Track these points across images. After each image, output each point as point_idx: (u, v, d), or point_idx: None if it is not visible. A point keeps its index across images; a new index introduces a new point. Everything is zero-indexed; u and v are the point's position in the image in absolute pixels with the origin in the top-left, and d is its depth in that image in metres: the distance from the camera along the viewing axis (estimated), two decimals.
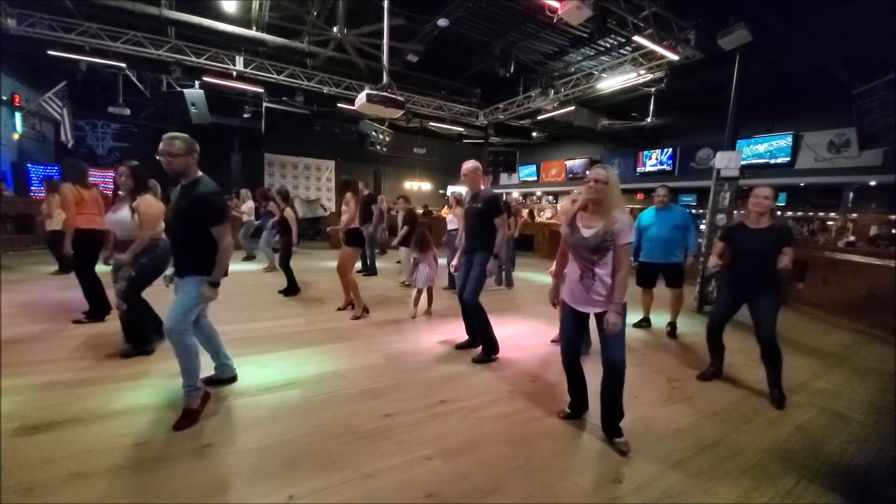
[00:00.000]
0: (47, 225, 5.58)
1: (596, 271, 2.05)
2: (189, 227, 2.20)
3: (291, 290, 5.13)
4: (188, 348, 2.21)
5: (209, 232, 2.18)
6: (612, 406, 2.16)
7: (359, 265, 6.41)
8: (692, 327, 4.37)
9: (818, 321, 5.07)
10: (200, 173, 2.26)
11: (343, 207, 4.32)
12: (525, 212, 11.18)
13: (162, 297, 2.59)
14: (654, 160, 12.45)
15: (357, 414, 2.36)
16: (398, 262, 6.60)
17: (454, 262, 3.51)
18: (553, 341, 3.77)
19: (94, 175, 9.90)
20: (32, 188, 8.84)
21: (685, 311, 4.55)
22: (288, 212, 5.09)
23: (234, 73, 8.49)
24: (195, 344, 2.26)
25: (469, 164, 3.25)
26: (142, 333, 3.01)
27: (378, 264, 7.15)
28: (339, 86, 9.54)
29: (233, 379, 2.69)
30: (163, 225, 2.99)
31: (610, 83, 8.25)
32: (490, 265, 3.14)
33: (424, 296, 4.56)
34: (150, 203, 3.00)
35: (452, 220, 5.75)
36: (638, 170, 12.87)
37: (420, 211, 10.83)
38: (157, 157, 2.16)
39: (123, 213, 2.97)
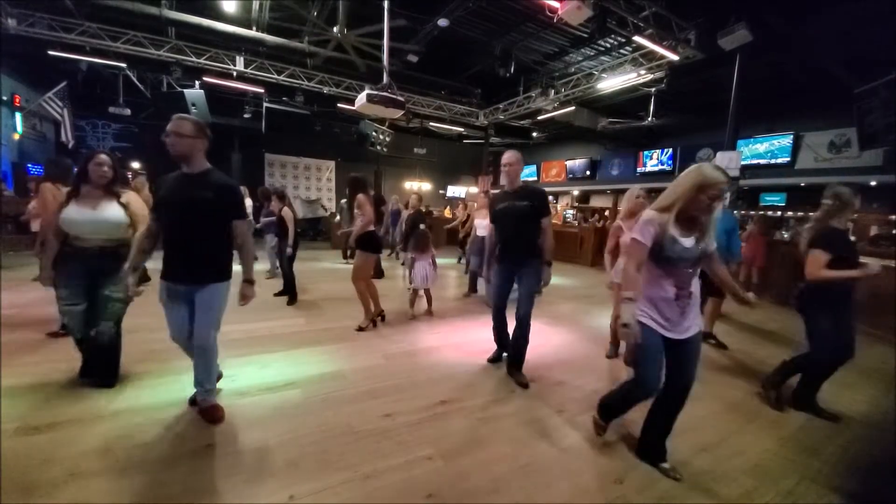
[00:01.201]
0: (32, 226, 5.00)
1: (691, 288, 1.80)
2: (212, 222, 2.03)
3: (291, 296, 4.83)
4: (215, 353, 2.20)
5: (226, 229, 2.09)
6: (667, 429, 1.98)
7: None
8: None
9: None
10: (209, 165, 2.10)
11: (356, 211, 3.90)
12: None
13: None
14: (654, 160, 12.46)
15: (357, 414, 2.36)
16: (402, 263, 6.40)
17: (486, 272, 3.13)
18: (610, 357, 3.49)
19: None
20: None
21: None
22: (286, 211, 4.86)
23: (235, 73, 8.50)
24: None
25: (513, 155, 2.82)
26: (111, 362, 2.57)
27: (385, 265, 7.12)
28: (339, 86, 9.55)
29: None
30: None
31: (610, 83, 8.25)
32: (545, 275, 2.83)
33: (424, 296, 4.55)
34: (139, 200, 2.55)
35: (486, 227, 5.18)
36: (638, 170, 12.89)
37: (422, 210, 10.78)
38: (164, 138, 1.97)
39: (113, 211, 2.40)
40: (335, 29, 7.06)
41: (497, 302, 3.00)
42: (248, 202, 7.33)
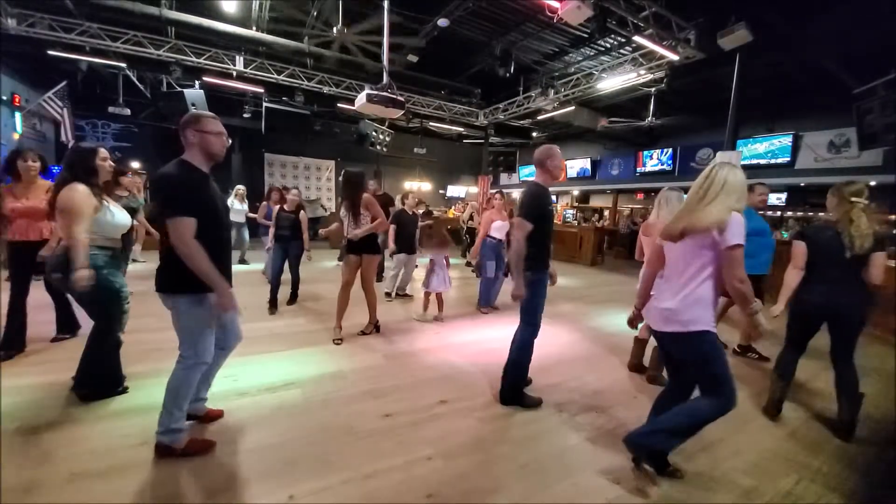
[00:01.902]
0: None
1: None
2: None
3: (291, 296, 4.85)
4: None
5: None
6: None
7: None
8: None
9: None
10: None
11: (363, 211, 3.51)
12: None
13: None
14: (654, 160, 12.44)
15: (357, 414, 2.37)
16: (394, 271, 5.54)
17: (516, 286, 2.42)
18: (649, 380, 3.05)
19: None
20: None
21: None
22: (302, 214, 4.76)
23: (234, 73, 8.49)
24: None
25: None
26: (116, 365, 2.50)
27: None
28: (339, 86, 9.54)
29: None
30: None
31: (610, 83, 8.24)
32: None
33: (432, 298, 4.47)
34: None
35: (503, 226, 4.81)
36: (638, 170, 12.87)
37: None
38: (225, 138, 1.93)
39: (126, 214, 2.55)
40: (335, 30, 7.05)
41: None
42: (246, 203, 7.29)
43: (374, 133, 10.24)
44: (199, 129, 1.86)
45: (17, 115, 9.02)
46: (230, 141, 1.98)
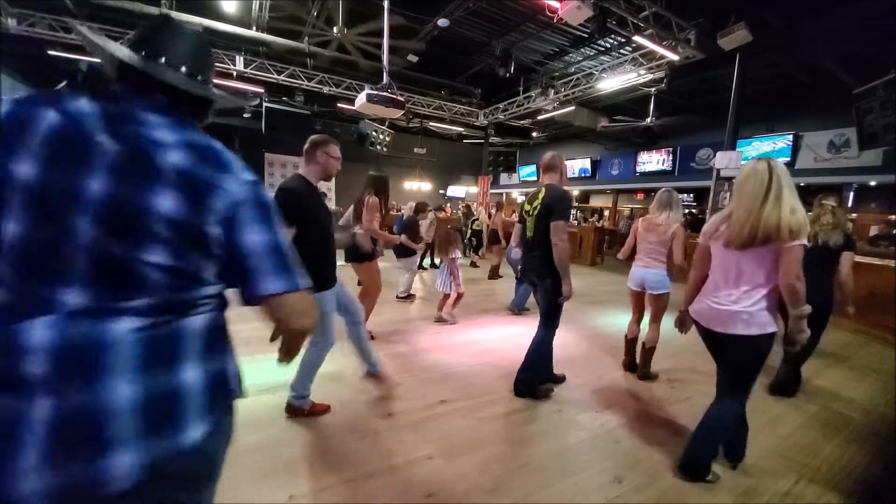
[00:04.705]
0: None
1: None
2: None
3: None
4: None
5: None
6: None
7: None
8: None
9: None
10: None
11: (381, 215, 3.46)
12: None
13: None
14: (653, 160, 12.45)
15: (357, 414, 2.37)
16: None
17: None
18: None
19: None
20: None
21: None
22: None
23: (235, 73, 8.50)
24: None
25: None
26: None
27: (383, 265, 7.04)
28: (339, 86, 9.55)
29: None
30: None
31: (610, 83, 8.25)
32: None
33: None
34: None
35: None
36: (637, 170, 12.87)
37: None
38: (336, 163, 2.20)
39: None
40: (335, 30, 7.06)
41: None
42: None
43: (374, 133, 10.24)
44: (328, 152, 2.11)
45: None
46: (338, 162, 2.22)
